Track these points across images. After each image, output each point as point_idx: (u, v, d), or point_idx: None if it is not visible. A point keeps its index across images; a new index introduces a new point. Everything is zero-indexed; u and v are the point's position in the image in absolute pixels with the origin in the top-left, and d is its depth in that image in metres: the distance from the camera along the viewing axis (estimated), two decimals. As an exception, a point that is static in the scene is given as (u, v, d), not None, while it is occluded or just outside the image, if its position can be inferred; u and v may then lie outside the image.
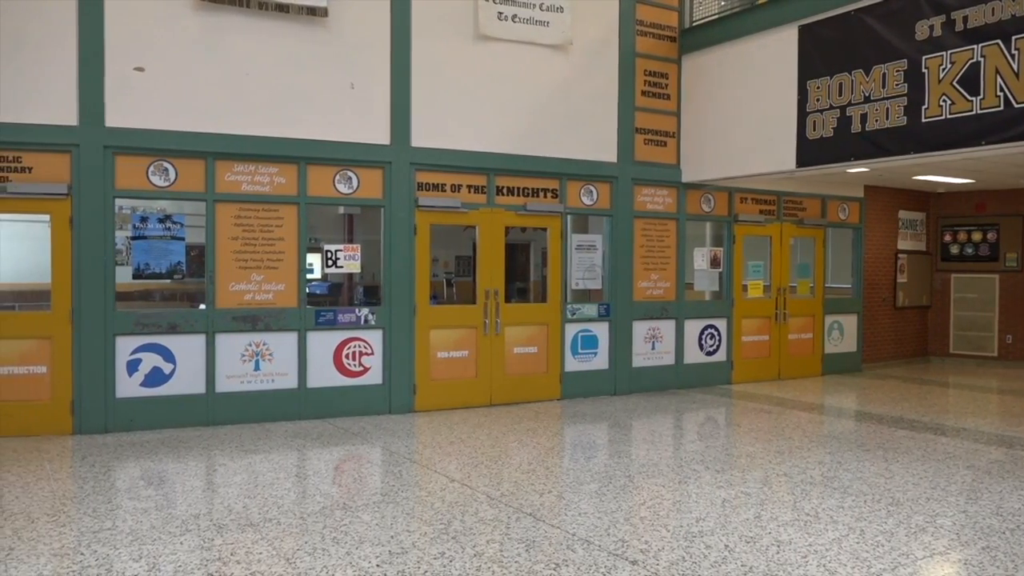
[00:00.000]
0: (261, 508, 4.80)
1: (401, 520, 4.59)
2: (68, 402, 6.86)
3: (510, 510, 4.79)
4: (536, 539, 4.27)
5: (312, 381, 7.63)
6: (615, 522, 4.59)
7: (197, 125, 7.16)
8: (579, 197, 8.97)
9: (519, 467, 5.89)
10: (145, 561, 3.91)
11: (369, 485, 5.58)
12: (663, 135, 9.43)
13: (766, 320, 10.46)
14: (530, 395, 8.66)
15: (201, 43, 7.18)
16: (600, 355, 9.12)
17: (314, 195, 7.68)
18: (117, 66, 6.90)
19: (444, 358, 8.25)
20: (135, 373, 7.05)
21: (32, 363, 6.81)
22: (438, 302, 10.56)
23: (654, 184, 9.43)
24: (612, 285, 9.17)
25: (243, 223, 7.41)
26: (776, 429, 7.34)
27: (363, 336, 7.86)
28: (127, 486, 5.48)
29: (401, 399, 7.97)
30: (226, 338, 7.32)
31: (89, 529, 4.41)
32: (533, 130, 8.60)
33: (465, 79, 8.23)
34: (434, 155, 8.09)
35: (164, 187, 7.18)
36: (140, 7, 6.96)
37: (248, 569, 3.81)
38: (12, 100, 6.65)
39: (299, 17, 7.44)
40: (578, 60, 8.82)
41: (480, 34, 8.25)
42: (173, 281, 8.46)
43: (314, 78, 7.57)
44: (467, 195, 8.37)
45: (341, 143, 7.68)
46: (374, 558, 3.96)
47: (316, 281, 11.38)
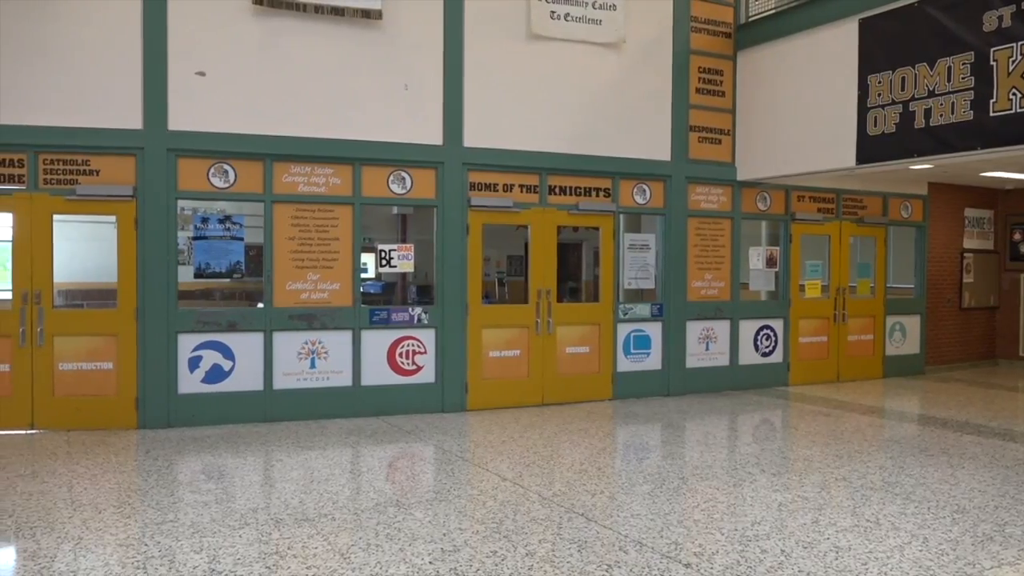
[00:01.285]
0: (317, 503, 4.89)
1: (453, 518, 4.62)
2: (133, 397, 7.08)
3: (562, 510, 4.78)
4: (588, 540, 4.25)
5: (366, 379, 7.73)
6: (668, 524, 4.54)
7: (255, 127, 7.32)
8: (632, 196, 8.90)
9: (571, 467, 5.87)
10: (206, 553, 4.01)
11: (422, 483, 5.63)
12: (718, 133, 9.29)
13: (824, 321, 10.22)
14: (582, 395, 8.62)
15: (259, 47, 7.34)
16: (653, 355, 9.03)
17: (368, 195, 7.78)
18: (179, 71, 7.10)
19: (496, 357, 8.27)
20: (196, 370, 7.24)
21: (99, 359, 7.06)
22: (490, 301, 10.60)
23: (708, 182, 9.30)
24: (665, 285, 9.08)
25: (299, 223, 7.55)
26: (835, 432, 7.17)
27: (416, 335, 7.93)
28: (189, 480, 5.63)
29: (453, 398, 8.02)
30: (283, 336, 7.47)
31: (153, 521, 4.54)
32: (586, 129, 8.57)
33: (517, 78, 8.24)
34: (486, 155, 8.12)
35: (224, 188, 7.36)
36: (201, 13, 7.14)
37: (304, 563, 3.88)
38: (81, 105, 6.90)
39: (354, 20, 7.55)
40: (631, 58, 8.75)
41: (533, 33, 8.24)
42: (232, 280, 8.67)
43: (368, 80, 7.68)
44: (519, 195, 8.38)
45: (395, 144, 7.77)
46: (427, 555, 3.99)
47: (370, 280, 11.52)
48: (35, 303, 6.91)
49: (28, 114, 6.80)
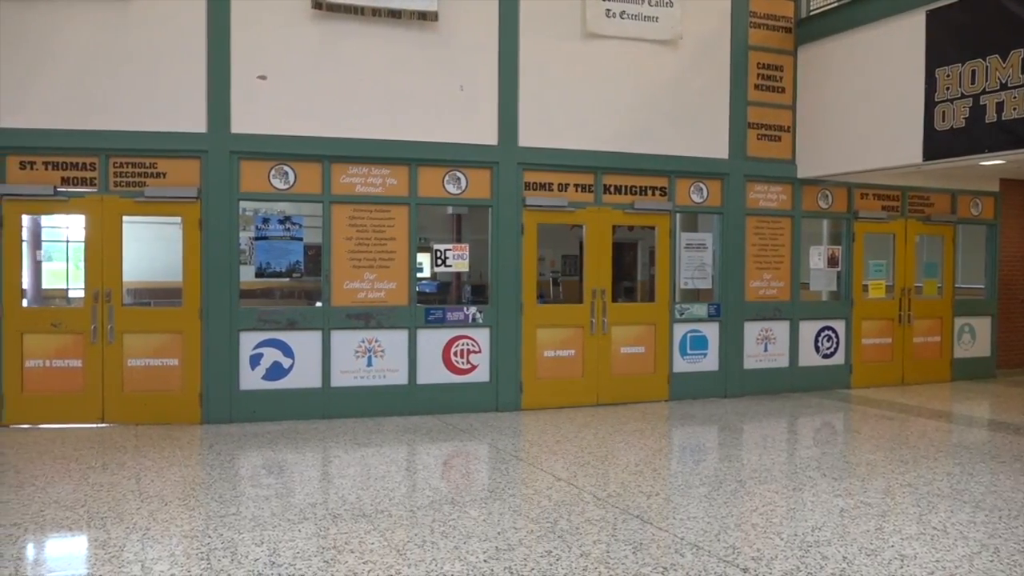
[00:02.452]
0: (373, 500, 4.95)
1: (508, 517, 4.63)
2: (197, 393, 7.29)
3: (617, 511, 4.74)
4: (643, 542, 4.21)
5: (422, 378, 7.81)
6: (725, 528, 4.47)
7: (314, 129, 7.46)
8: (688, 195, 8.79)
9: (626, 468, 5.83)
10: (266, 546, 4.10)
11: (476, 481, 5.66)
12: (777, 129, 9.11)
13: (888, 322, 9.93)
14: (637, 395, 8.55)
15: (318, 51, 7.48)
16: (710, 356, 8.90)
17: (424, 196, 7.85)
18: (241, 75, 7.28)
19: (551, 357, 8.26)
20: (257, 367, 7.42)
21: (165, 356, 7.28)
22: (544, 301, 10.60)
23: (767, 180, 9.13)
24: (723, 285, 8.94)
25: (357, 223, 7.66)
26: (899, 437, 6.96)
27: (471, 334, 7.97)
28: (250, 474, 5.77)
29: (508, 397, 8.04)
30: (340, 335, 7.59)
31: (216, 514, 4.66)
32: (641, 127, 8.49)
33: (572, 78, 8.21)
34: (541, 154, 8.12)
35: (284, 190, 7.51)
36: (262, 18, 7.31)
37: (361, 559, 3.94)
38: (149, 110, 7.14)
39: (410, 22, 7.62)
40: (688, 55, 8.65)
41: (588, 32, 8.21)
42: (292, 279, 8.85)
43: (424, 81, 7.75)
44: (574, 194, 8.35)
45: (450, 144, 7.82)
46: (481, 553, 4.01)
47: (425, 280, 11.63)
48: (106, 301, 7.16)
49: (99, 119, 7.06)
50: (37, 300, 9.97)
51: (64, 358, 7.13)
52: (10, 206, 7.07)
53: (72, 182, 7.14)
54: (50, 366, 7.12)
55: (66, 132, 7.03)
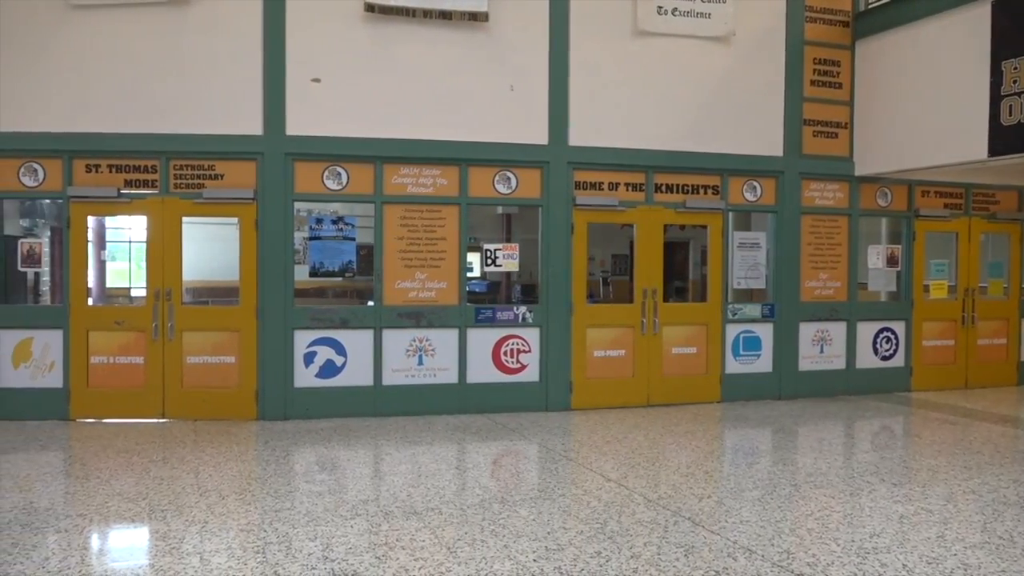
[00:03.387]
0: (424, 497, 4.99)
1: (557, 517, 4.62)
2: (253, 390, 7.45)
3: (668, 513, 4.70)
4: (695, 544, 4.16)
5: (472, 377, 7.84)
6: (780, 532, 4.39)
7: (367, 131, 7.56)
8: (742, 193, 8.66)
9: (677, 470, 5.77)
10: (320, 541, 4.17)
11: (526, 480, 5.66)
12: (834, 126, 8.91)
13: (951, 323, 9.63)
14: (688, 396, 8.45)
15: (370, 53, 7.57)
16: (763, 357, 8.75)
17: (474, 196, 7.89)
18: (296, 78, 7.41)
19: (601, 357, 8.22)
20: (311, 365, 7.54)
21: (223, 353, 7.46)
22: (594, 301, 10.55)
23: (824, 178, 8.93)
24: (777, 285, 8.78)
25: (408, 223, 7.74)
26: (962, 442, 6.74)
27: (521, 334, 7.98)
28: (304, 470, 5.87)
29: (558, 397, 8.03)
30: (392, 333, 7.67)
31: (271, 508, 4.76)
32: (693, 125, 8.39)
33: (623, 76, 8.16)
34: (592, 154, 8.08)
35: (337, 190, 7.63)
36: (316, 22, 7.44)
37: (412, 555, 3.97)
38: (208, 113, 7.32)
39: (461, 23, 7.66)
40: (741, 51, 8.51)
41: (639, 30, 8.15)
42: (344, 279, 8.98)
43: (475, 81, 7.78)
44: (625, 193, 8.30)
45: (500, 144, 7.84)
46: (531, 553, 4.01)
47: (475, 279, 11.68)
48: (166, 300, 7.37)
49: (161, 122, 7.28)
50: (101, 299, 10.29)
51: (127, 355, 7.36)
52: (76, 207, 7.32)
53: (135, 184, 7.37)
54: (113, 362, 7.36)
55: (129, 136, 7.26)
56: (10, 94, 7.19)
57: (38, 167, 7.29)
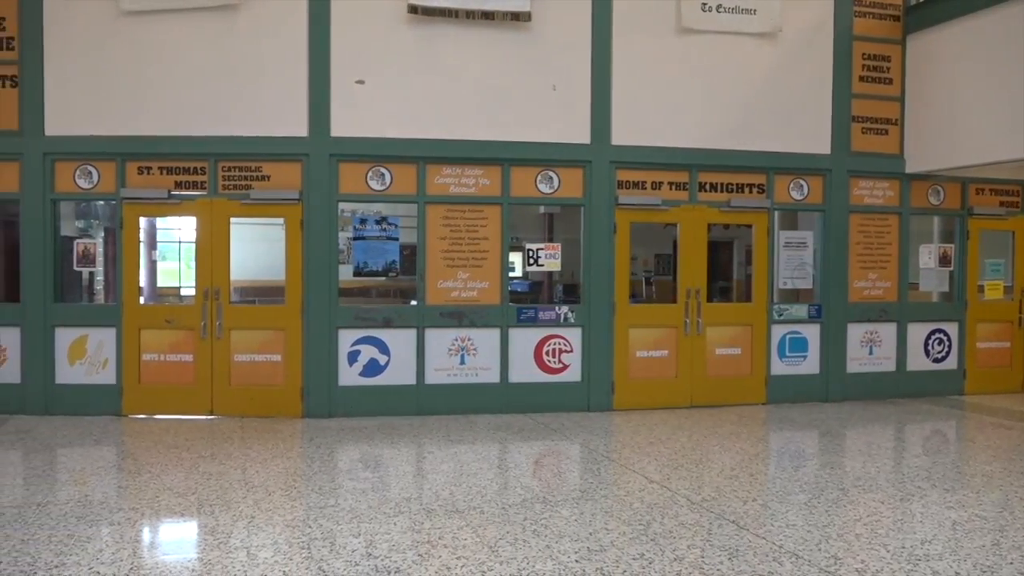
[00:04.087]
0: (466, 496, 5.01)
1: (600, 518, 4.60)
2: (298, 388, 7.56)
3: (712, 516, 4.64)
4: (740, 548, 4.10)
5: (513, 376, 7.85)
6: (827, 537, 4.30)
7: (410, 131, 7.62)
8: (788, 192, 8.51)
9: (721, 472, 5.70)
10: (363, 538, 4.21)
11: (568, 481, 5.65)
12: (884, 123, 8.71)
13: (1007, 325, 9.34)
14: (732, 398, 8.34)
15: (413, 54, 7.63)
16: (810, 359, 8.59)
17: (516, 195, 7.90)
18: (340, 80, 7.50)
19: (643, 357, 8.16)
20: (355, 363, 7.63)
21: (269, 352, 7.58)
22: (637, 301, 10.48)
23: (873, 176, 8.74)
24: (824, 285, 8.61)
25: (450, 223, 7.77)
26: (1019, 447, 6.53)
27: (563, 334, 7.97)
28: (348, 467, 5.94)
29: (599, 397, 7.99)
30: (434, 333, 7.72)
31: (316, 505, 4.82)
32: (738, 123, 8.28)
33: (667, 74, 8.09)
34: (634, 152, 8.03)
35: (380, 191, 7.70)
36: (360, 25, 7.52)
37: (454, 554, 3.99)
38: (255, 116, 7.46)
39: (503, 23, 7.67)
40: (788, 47, 8.37)
41: (683, 27, 8.07)
42: (388, 279, 9.06)
43: (517, 81, 7.79)
44: (668, 192, 8.22)
45: (542, 144, 7.84)
46: (573, 553, 4.00)
47: (517, 279, 11.69)
48: (214, 299, 7.52)
49: (209, 125, 7.43)
50: (152, 297, 10.55)
51: (176, 353, 7.53)
52: (129, 209, 7.52)
53: (184, 186, 7.54)
54: (164, 360, 7.53)
55: (179, 138, 7.43)
56: (66, 99, 7.41)
57: (93, 170, 7.50)
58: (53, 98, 7.40)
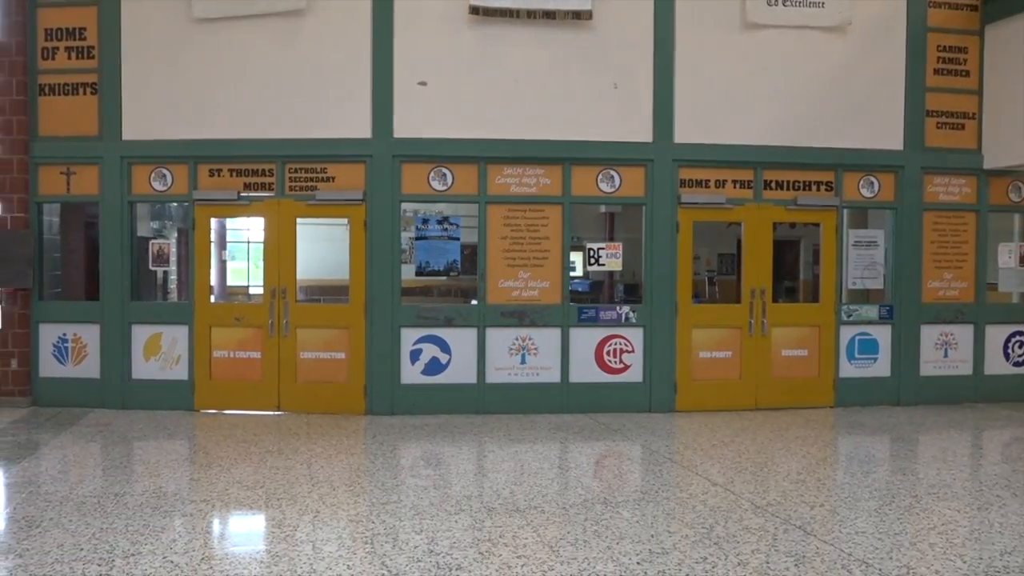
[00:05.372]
0: (527, 495, 5.02)
1: (661, 520, 4.55)
2: (362, 386, 7.68)
3: (777, 520, 4.54)
4: (806, 554, 4.01)
5: (574, 376, 7.83)
6: (898, 545, 4.17)
7: (471, 132, 7.66)
8: (858, 189, 8.27)
9: (787, 476, 5.57)
10: (425, 535, 4.26)
11: (629, 482, 5.60)
12: (960, 117, 8.38)
13: (1094, 327, 8.88)
14: (799, 400, 8.15)
15: (475, 55, 7.67)
16: (881, 361, 8.33)
17: (577, 195, 7.87)
18: (403, 82, 7.60)
19: (706, 358, 8.04)
20: (417, 362, 7.71)
21: (334, 350, 7.73)
22: (700, 301, 10.33)
23: (948, 172, 8.41)
24: (896, 285, 8.34)
25: (511, 223, 7.79)
26: (1107, 456, 6.22)
27: (624, 334, 7.90)
28: (410, 464, 6.01)
29: (661, 398, 7.90)
30: (495, 332, 7.75)
31: (379, 501, 4.90)
32: (806, 119, 8.08)
33: (731, 70, 7.95)
34: (698, 151, 7.91)
35: (442, 191, 7.77)
36: (423, 27, 7.60)
37: (515, 552, 4.00)
38: (320, 118, 7.61)
39: (564, 22, 7.66)
40: (857, 41, 8.13)
41: (748, 22, 7.91)
42: (449, 278, 9.15)
43: (578, 80, 7.76)
44: (732, 190, 8.08)
45: (604, 143, 7.79)
46: (634, 555, 3.96)
47: (578, 279, 11.65)
48: (281, 298, 7.70)
49: (277, 128, 7.61)
50: (223, 296, 10.86)
51: (245, 350, 7.74)
52: (201, 210, 7.76)
53: (253, 187, 7.74)
54: (233, 357, 7.75)
55: (248, 141, 7.63)
56: (142, 105, 7.69)
57: (167, 172, 7.76)
58: (130, 104, 7.69)
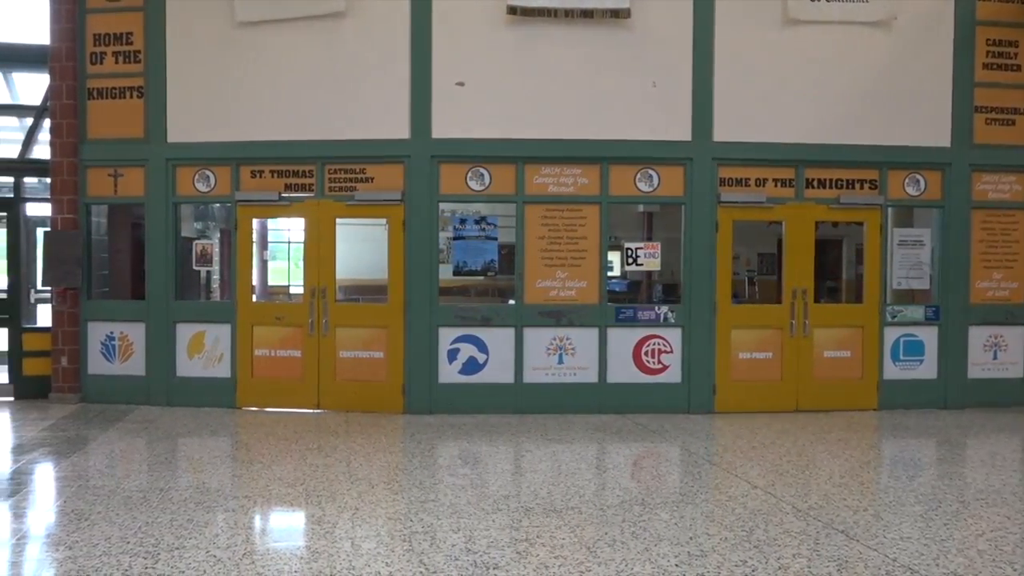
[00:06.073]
0: (564, 496, 5.01)
1: (700, 522, 4.51)
2: (400, 385, 7.74)
3: (819, 524, 4.47)
4: (849, 559, 3.93)
5: (612, 376, 7.79)
6: (945, 552, 4.07)
7: (509, 132, 7.67)
8: (903, 187, 8.10)
9: (829, 479, 5.48)
10: (462, 533, 4.27)
11: (667, 483, 5.56)
12: (1011, 112, 8.16)
13: None
14: (841, 403, 8.00)
15: (513, 54, 7.68)
16: (927, 363, 8.14)
17: (615, 194, 7.83)
18: (441, 83, 7.64)
19: (746, 359, 7.94)
20: (454, 361, 7.75)
21: (372, 348, 7.80)
22: (739, 301, 10.21)
23: (999, 169, 8.19)
24: (943, 285, 8.15)
25: (549, 223, 7.78)
26: None
27: (662, 334, 7.84)
28: (447, 463, 6.04)
29: (700, 399, 7.83)
30: (532, 332, 7.74)
31: (417, 499, 4.93)
32: (848, 116, 7.94)
33: (772, 67, 7.84)
34: (738, 149, 7.82)
35: (480, 191, 7.79)
36: (461, 28, 7.63)
37: (552, 553, 3.99)
38: (359, 120, 7.69)
39: (603, 21, 7.62)
40: (903, 36, 7.96)
41: (789, 18, 7.80)
42: (486, 278, 9.17)
43: (616, 79, 7.72)
44: (773, 189, 7.97)
45: (642, 142, 7.74)
46: (672, 557, 3.93)
47: (616, 279, 11.59)
48: (321, 297, 7.79)
49: (316, 130, 7.71)
50: (264, 295, 11.02)
51: (286, 348, 7.85)
52: (243, 211, 7.89)
53: (293, 188, 7.85)
54: (274, 355, 7.86)
55: (289, 143, 7.74)
56: (186, 108, 7.84)
57: (210, 174, 7.90)
58: (174, 107, 7.85)
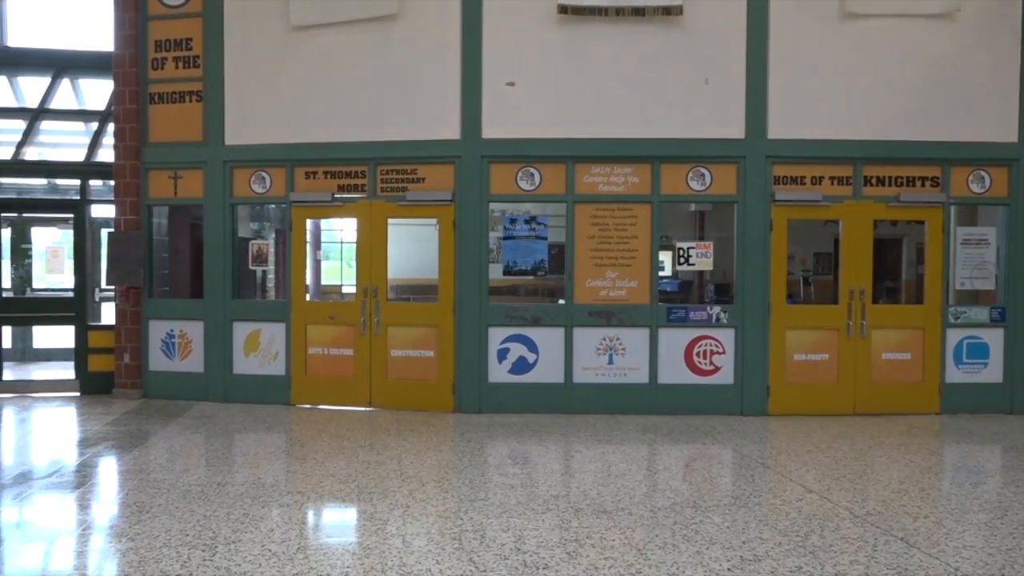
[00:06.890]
0: (614, 497, 4.98)
1: (753, 526, 4.43)
2: (450, 383, 7.79)
3: (877, 531, 4.35)
4: (909, 567, 3.82)
5: (662, 377, 7.71)
6: (1011, 562, 3.92)
7: (559, 131, 7.66)
8: (967, 184, 7.84)
9: (888, 485, 5.33)
10: (512, 533, 4.28)
11: (719, 486, 5.48)
12: (1082, 106, 7.83)
13: None
14: (901, 406, 7.78)
15: (563, 54, 7.66)
16: (992, 366, 7.87)
17: (667, 193, 7.75)
18: (491, 83, 7.66)
19: (801, 361, 7.78)
20: (504, 361, 7.76)
21: (423, 348, 7.86)
22: (794, 301, 10.01)
23: (1069, 165, 7.88)
24: (1010, 285, 7.86)
25: (599, 222, 7.74)
26: None
27: (714, 334, 7.74)
28: (497, 463, 6.05)
29: (753, 401, 7.70)
30: (582, 332, 7.72)
31: (467, 497, 4.95)
32: (909, 112, 7.71)
33: (828, 62, 7.67)
34: (792, 146, 7.67)
35: (530, 191, 7.79)
36: (511, 28, 7.64)
37: (602, 554, 3.97)
38: (410, 121, 7.76)
39: (654, 19, 7.56)
40: (967, 27, 7.70)
41: (846, 12, 7.62)
42: (536, 277, 9.15)
43: (668, 77, 7.64)
44: (829, 187, 7.79)
45: (694, 140, 7.65)
46: (725, 561, 3.87)
47: (667, 278, 11.47)
48: (373, 296, 7.89)
49: (369, 131, 7.82)
50: (317, 295, 11.21)
51: (339, 347, 7.97)
52: (297, 211, 8.03)
53: (346, 189, 7.96)
54: (327, 353, 7.99)
55: (342, 144, 7.86)
56: (243, 111, 8.03)
57: (266, 175, 8.07)
58: (232, 110, 8.04)
